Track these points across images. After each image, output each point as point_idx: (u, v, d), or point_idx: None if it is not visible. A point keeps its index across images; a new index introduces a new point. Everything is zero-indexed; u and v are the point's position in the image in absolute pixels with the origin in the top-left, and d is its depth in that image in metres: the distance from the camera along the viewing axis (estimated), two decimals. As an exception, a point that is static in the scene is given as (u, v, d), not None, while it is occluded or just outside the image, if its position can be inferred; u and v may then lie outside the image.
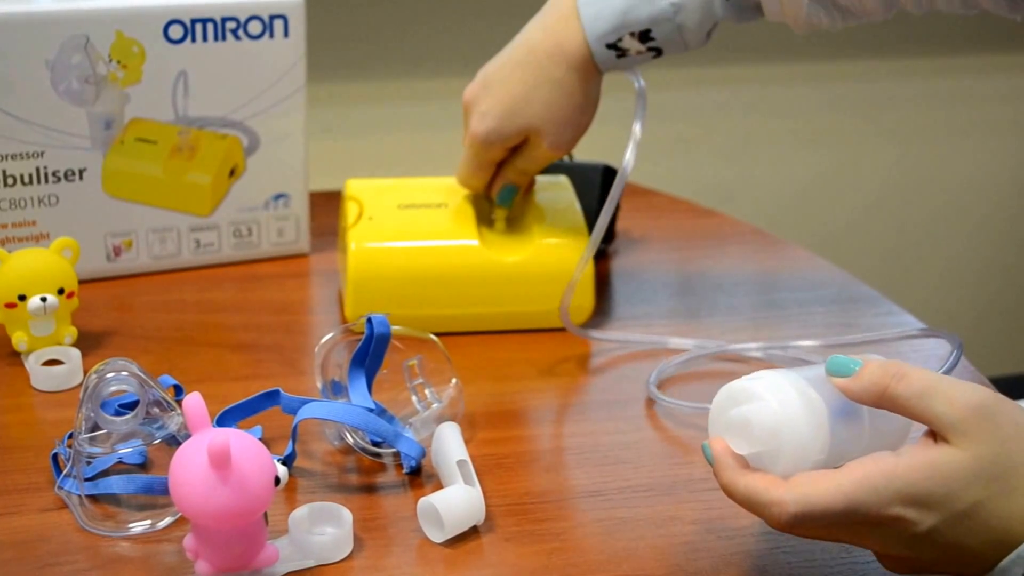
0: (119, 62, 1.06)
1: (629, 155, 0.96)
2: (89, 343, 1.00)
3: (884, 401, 0.66)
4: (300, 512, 0.77)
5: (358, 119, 1.64)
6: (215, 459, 0.67)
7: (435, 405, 0.90)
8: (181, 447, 0.70)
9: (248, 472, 0.68)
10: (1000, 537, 0.63)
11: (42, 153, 1.07)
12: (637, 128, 0.97)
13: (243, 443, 0.69)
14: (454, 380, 0.90)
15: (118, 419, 0.80)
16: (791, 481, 0.65)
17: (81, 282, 0.99)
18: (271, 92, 1.12)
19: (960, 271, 2.09)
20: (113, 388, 0.80)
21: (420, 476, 0.84)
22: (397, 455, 0.84)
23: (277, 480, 0.71)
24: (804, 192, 1.90)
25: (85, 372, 0.93)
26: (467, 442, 0.87)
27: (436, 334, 0.92)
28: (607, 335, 1.04)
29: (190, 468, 0.68)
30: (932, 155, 1.96)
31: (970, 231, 2.05)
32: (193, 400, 0.70)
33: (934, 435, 0.65)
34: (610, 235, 1.22)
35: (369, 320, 0.87)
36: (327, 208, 1.22)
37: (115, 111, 1.08)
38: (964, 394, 0.65)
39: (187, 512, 0.69)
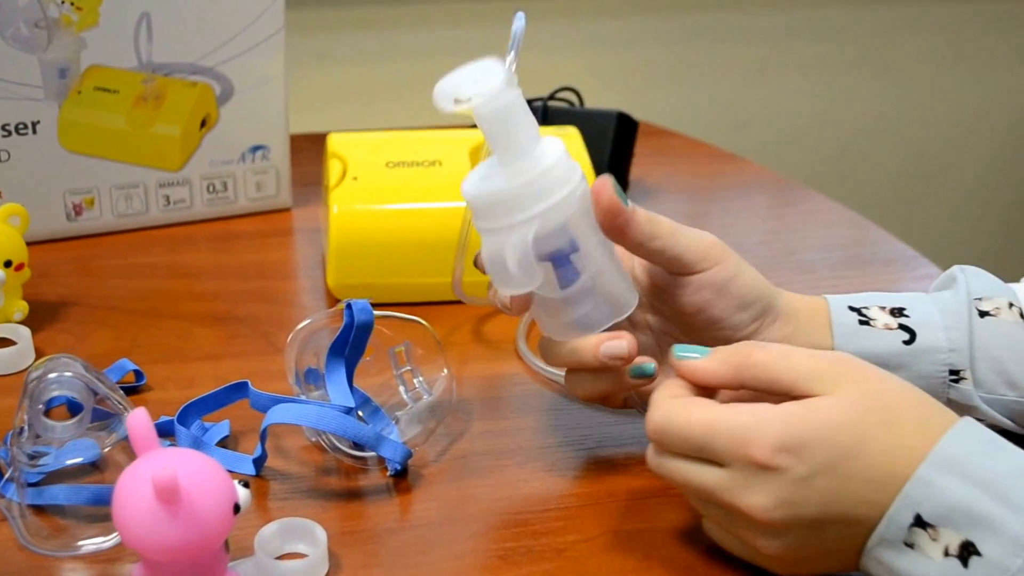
0: (73, 4, 0.99)
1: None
2: (43, 317, 0.93)
3: (746, 369, 0.66)
4: (268, 530, 0.69)
5: (343, 47, 1.55)
6: (162, 493, 0.59)
7: (425, 397, 0.81)
8: (124, 472, 0.61)
9: (202, 502, 0.60)
10: (884, 475, 0.61)
11: (-10, 105, 1.00)
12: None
13: (195, 468, 0.61)
14: (445, 370, 0.82)
15: (59, 425, 0.72)
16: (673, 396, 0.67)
17: (39, 243, 0.95)
18: (246, 34, 1.05)
19: (967, 202, 2.05)
20: (55, 393, 0.72)
21: (406, 479, 0.76)
22: (382, 451, 0.76)
23: (237, 508, 0.62)
24: (818, 120, 1.87)
25: (37, 352, 0.88)
26: (460, 435, 0.80)
27: (426, 303, 0.86)
28: None
29: (134, 499, 0.60)
30: (950, 84, 1.92)
31: (978, 161, 2.01)
32: (138, 418, 0.62)
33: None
34: (622, 185, 1.14)
35: (349, 306, 0.78)
36: (310, 154, 1.14)
37: (70, 58, 1.01)
38: (822, 352, 0.66)
39: (133, 547, 0.61)
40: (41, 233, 1.01)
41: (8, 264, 0.88)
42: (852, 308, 0.75)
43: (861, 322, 0.74)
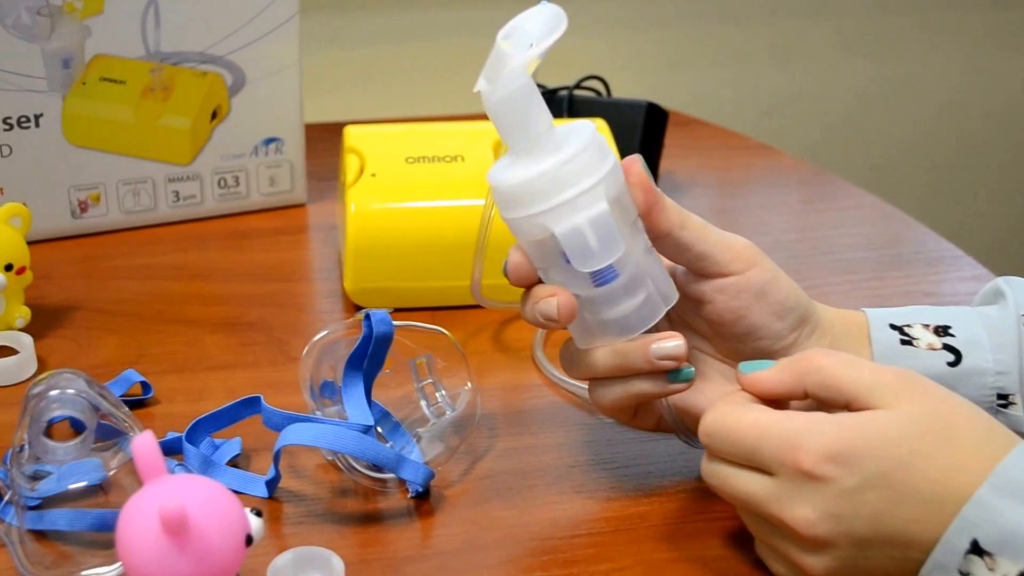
0: (77, -10, 0.96)
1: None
2: (45, 323, 0.89)
3: (809, 375, 0.64)
4: (281, 560, 0.65)
5: (356, 29, 1.52)
6: (169, 525, 0.55)
7: (448, 412, 0.77)
8: (129, 502, 0.57)
9: (211, 535, 0.56)
10: (940, 494, 0.58)
11: (-10, 97, 0.95)
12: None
13: (205, 497, 0.57)
14: (469, 384, 0.77)
15: (60, 447, 0.68)
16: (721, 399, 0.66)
17: (42, 241, 0.92)
18: (259, 21, 1.02)
19: (1014, 193, 2.01)
20: (56, 412, 0.68)
21: (428, 501, 0.72)
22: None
23: (249, 539, 0.58)
24: (856, 103, 1.81)
25: (39, 361, 0.84)
26: (484, 453, 0.75)
27: (446, 308, 0.82)
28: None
29: (139, 531, 0.56)
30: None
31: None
32: (143, 443, 0.57)
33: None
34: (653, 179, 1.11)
35: (367, 316, 0.73)
36: (326, 145, 1.10)
37: (74, 47, 0.97)
38: (888, 367, 0.64)
39: (137, 583, 0.57)
40: (44, 231, 0.98)
41: (9, 268, 0.84)
42: (893, 326, 0.72)
43: (903, 342, 0.71)
